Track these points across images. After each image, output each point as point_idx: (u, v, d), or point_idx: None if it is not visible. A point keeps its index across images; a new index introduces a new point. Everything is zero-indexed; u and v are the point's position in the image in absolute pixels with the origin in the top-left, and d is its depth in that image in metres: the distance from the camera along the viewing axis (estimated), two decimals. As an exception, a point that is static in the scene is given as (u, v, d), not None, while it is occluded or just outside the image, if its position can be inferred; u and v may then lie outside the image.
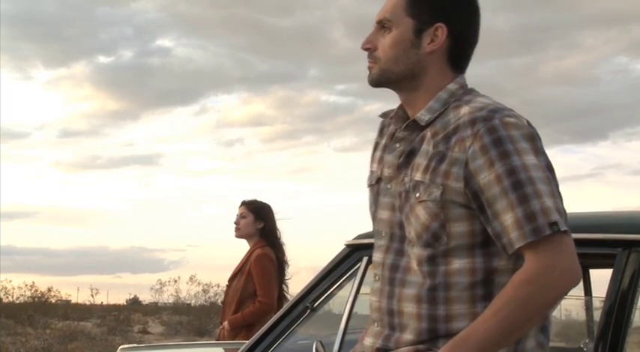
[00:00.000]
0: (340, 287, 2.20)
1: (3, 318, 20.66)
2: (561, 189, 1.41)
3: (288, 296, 4.27)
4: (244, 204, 4.36)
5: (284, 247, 4.34)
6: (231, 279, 4.28)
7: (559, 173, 1.43)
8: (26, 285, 24.07)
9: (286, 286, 4.30)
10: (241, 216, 4.33)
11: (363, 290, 2.14)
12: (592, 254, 1.94)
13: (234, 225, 4.34)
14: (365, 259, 2.16)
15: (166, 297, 26.89)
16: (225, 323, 4.19)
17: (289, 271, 4.32)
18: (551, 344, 1.47)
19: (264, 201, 4.41)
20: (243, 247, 4.33)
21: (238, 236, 4.34)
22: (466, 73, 1.54)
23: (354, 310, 2.13)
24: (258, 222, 4.29)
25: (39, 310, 21.01)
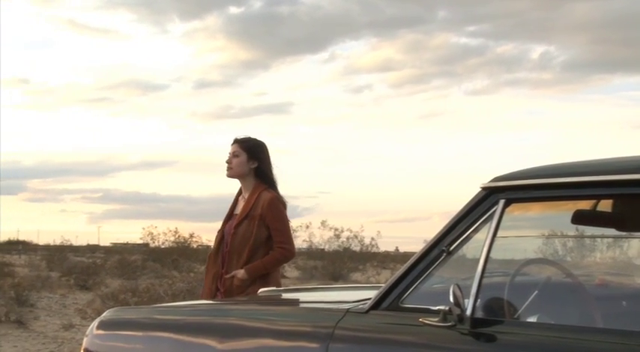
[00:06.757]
0: (476, 230, 2.17)
1: (150, 262, 21.94)
2: None
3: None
4: (237, 141, 4.03)
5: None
6: (237, 226, 3.93)
7: None
8: (170, 231, 25.29)
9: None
10: (234, 155, 4.00)
11: (499, 233, 2.11)
12: None
13: (226, 165, 4.02)
14: (501, 202, 2.12)
15: (300, 242, 27.58)
16: (241, 272, 3.85)
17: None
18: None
19: (259, 138, 4.09)
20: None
21: (230, 175, 4.02)
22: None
23: (491, 254, 2.10)
24: (252, 161, 3.98)
25: (182, 255, 22.13)
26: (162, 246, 24.89)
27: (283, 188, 4.06)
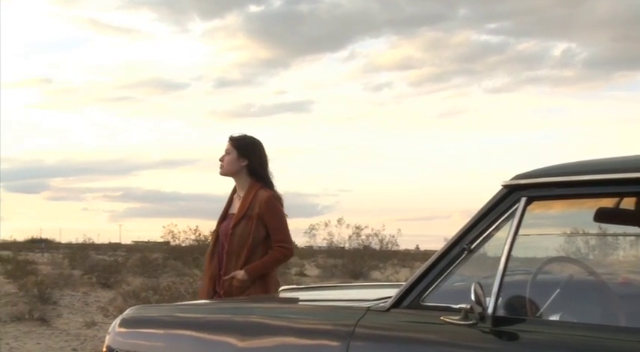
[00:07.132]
0: (498, 228, 2.16)
1: (171, 260, 22.05)
2: None
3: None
4: (230, 139, 4.00)
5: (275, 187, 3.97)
6: (234, 226, 3.87)
7: None
8: (191, 229, 25.33)
9: None
10: (225, 153, 3.99)
11: (521, 231, 2.10)
12: None
13: (220, 163, 4.01)
14: (523, 200, 2.10)
15: (320, 241, 27.54)
16: (240, 273, 3.79)
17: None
18: None
19: (254, 136, 4.03)
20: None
21: (221, 173, 4.00)
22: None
23: (512, 252, 2.09)
24: (242, 159, 3.94)
25: (203, 253, 22.20)
26: (183, 245, 24.96)
27: (304, 186, 4.07)
